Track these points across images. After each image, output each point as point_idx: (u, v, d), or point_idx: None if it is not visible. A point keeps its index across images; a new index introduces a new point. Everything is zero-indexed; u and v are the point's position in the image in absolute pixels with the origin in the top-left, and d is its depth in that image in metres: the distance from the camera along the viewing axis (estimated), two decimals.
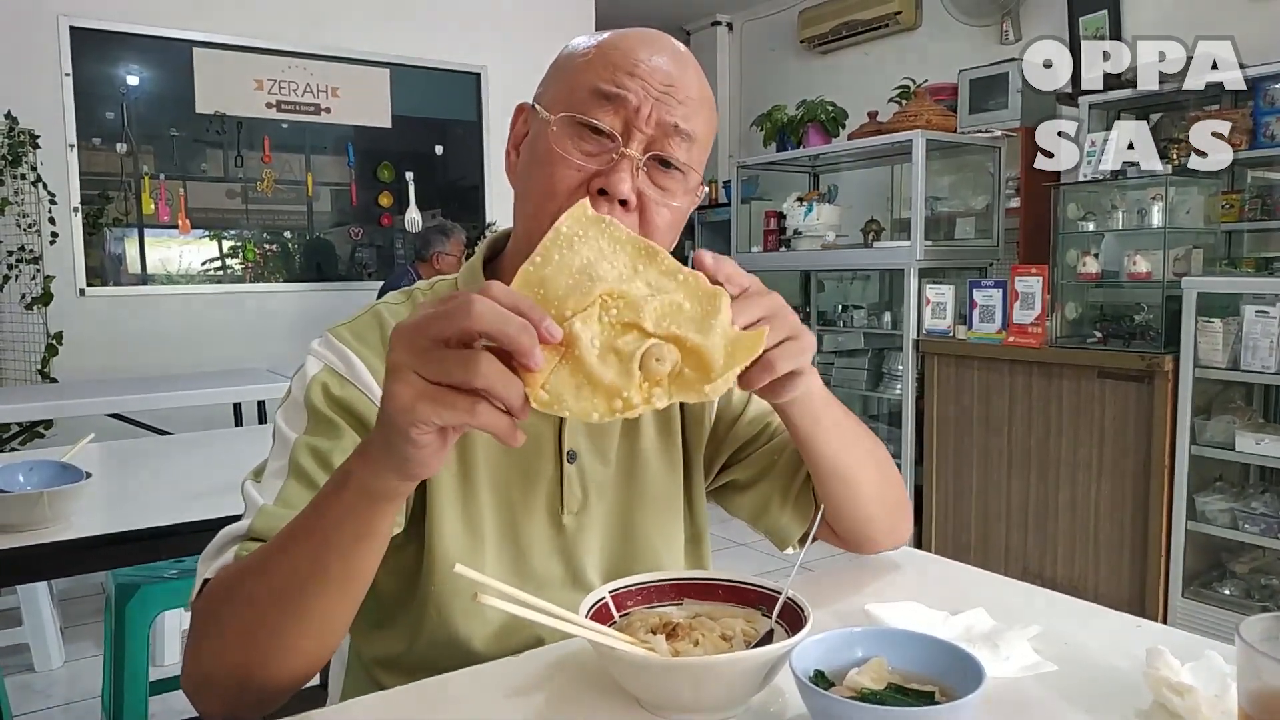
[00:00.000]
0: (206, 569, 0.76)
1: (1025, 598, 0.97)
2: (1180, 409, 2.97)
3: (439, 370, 0.56)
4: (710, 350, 0.63)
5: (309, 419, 0.83)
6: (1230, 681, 0.67)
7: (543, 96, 0.86)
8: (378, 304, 0.92)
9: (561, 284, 0.62)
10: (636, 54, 0.83)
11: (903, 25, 5.09)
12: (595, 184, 0.80)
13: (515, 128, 0.90)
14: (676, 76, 0.83)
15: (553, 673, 0.78)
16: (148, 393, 3.12)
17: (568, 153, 0.81)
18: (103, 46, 4.02)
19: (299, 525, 0.68)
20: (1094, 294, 3.46)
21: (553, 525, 0.92)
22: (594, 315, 0.61)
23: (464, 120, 4.99)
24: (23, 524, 1.44)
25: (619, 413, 0.61)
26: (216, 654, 0.71)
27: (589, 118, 0.81)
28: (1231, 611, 2.89)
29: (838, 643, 0.69)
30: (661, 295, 0.63)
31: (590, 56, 0.84)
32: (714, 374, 0.63)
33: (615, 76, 0.81)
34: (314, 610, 0.68)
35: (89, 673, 2.77)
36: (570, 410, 0.60)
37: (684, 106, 0.83)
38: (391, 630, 0.90)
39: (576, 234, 0.63)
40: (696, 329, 0.63)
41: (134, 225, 4.18)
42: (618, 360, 0.61)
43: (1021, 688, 0.75)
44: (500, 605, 0.65)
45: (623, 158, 0.80)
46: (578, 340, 0.60)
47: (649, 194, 0.82)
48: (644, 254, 0.65)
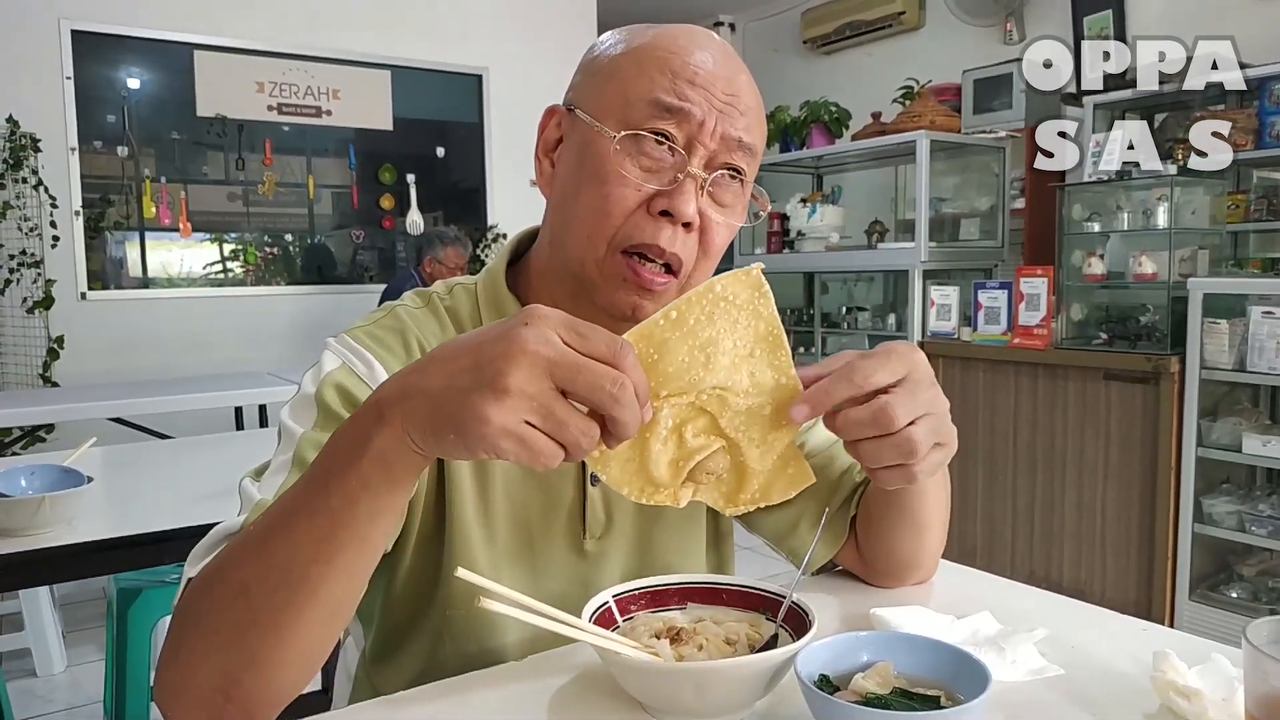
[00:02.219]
0: (195, 567, 0.69)
1: (1031, 601, 0.96)
2: (1186, 411, 2.96)
3: (556, 428, 0.55)
4: (754, 474, 0.65)
5: (319, 414, 0.77)
6: (1237, 685, 0.67)
7: (586, 101, 0.80)
8: (395, 306, 0.87)
9: (677, 359, 0.61)
10: (695, 59, 0.77)
11: (906, 25, 5.09)
12: (657, 205, 0.76)
13: (545, 132, 0.85)
14: (738, 85, 0.79)
15: (556, 677, 0.77)
16: (149, 396, 3.13)
17: (628, 171, 0.76)
18: (104, 50, 4.03)
19: (299, 503, 0.61)
20: (1099, 295, 3.45)
21: (573, 550, 0.88)
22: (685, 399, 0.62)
23: (465, 122, 4.99)
24: (24, 528, 1.44)
25: (646, 499, 0.64)
26: (199, 656, 0.63)
27: (653, 133, 0.76)
28: (1239, 614, 2.88)
29: (843, 647, 0.69)
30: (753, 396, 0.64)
31: (643, 60, 0.78)
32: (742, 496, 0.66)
33: (677, 86, 0.76)
34: (317, 601, 0.61)
35: (91, 677, 2.77)
36: (610, 477, 0.63)
37: (745, 118, 0.78)
38: (402, 656, 0.87)
39: (726, 298, 0.62)
40: (760, 443, 0.65)
41: (135, 229, 4.18)
42: (676, 451, 0.63)
43: (1028, 691, 0.74)
44: (504, 610, 0.64)
45: (687, 177, 0.76)
46: (655, 424, 0.62)
47: (711, 214, 0.78)
48: (768, 342, 0.64)
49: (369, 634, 0.91)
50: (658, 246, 0.77)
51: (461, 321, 0.87)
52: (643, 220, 0.77)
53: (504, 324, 0.56)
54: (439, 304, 0.88)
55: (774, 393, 0.64)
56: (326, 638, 0.65)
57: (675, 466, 0.63)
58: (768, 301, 0.63)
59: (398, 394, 0.58)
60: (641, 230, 0.77)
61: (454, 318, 0.87)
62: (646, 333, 0.61)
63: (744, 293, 0.63)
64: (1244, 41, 3.07)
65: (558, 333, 0.55)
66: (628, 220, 0.76)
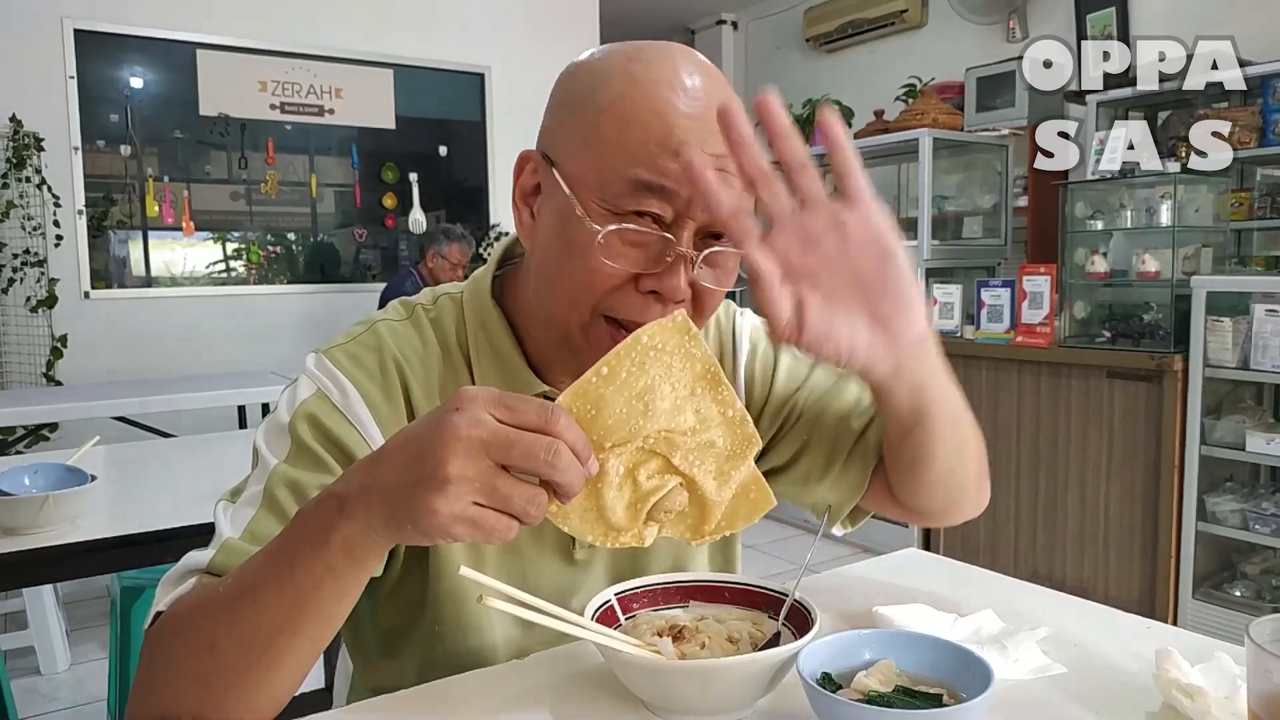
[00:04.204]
0: (164, 598, 0.71)
1: (1034, 599, 0.97)
2: (1190, 409, 2.95)
3: (501, 501, 0.56)
4: (715, 505, 0.66)
5: (291, 447, 0.77)
6: (1240, 683, 0.67)
7: (562, 160, 0.75)
8: (377, 321, 0.85)
9: (617, 410, 0.62)
10: (679, 118, 0.71)
11: (909, 23, 5.08)
12: (646, 284, 0.72)
13: (521, 179, 0.80)
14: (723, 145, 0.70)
15: (558, 676, 0.78)
16: (152, 395, 3.13)
17: (614, 260, 0.71)
18: (107, 49, 4.03)
19: (268, 575, 0.64)
20: (1103, 293, 3.44)
21: (563, 559, 0.87)
22: (631, 447, 0.63)
23: (468, 121, 4.99)
24: (28, 527, 1.44)
25: (610, 543, 0.65)
26: (170, 694, 0.67)
27: (637, 223, 0.71)
28: (1242, 613, 2.87)
29: (845, 645, 0.69)
30: (701, 432, 0.64)
31: (623, 121, 0.71)
32: (707, 528, 0.67)
33: (660, 162, 0.70)
34: (281, 663, 0.65)
35: (95, 676, 2.77)
36: (571, 528, 0.64)
37: (736, 183, 0.70)
38: (396, 662, 0.87)
39: (654, 346, 0.63)
40: (716, 474, 0.65)
41: (138, 228, 4.19)
42: (631, 494, 0.64)
43: (1030, 690, 0.75)
44: (508, 609, 0.65)
45: (677, 258, 0.71)
46: (605, 475, 0.62)
47: (703, 284, 0.74)
48: (707, 379, 0.65)
49: (360, 642, 0.91)
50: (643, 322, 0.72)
51: (446, 332, 0.85)
52: (630, 298, 0.73)
53: (437, 412, 0.58)
54: (423, 315, 0.86)
55: (723, 426, 0.65)
56: (292, 685, 0.68)
57: (633, 509, 0.64)
58: (698, 343, 0.64)
59: (357, 489, 0.60)
60: (629, 308, 0.73)
61: (438, 329, 0.85)
62: (580, 391, 0.62)
63: (672, 339, 0.63)
64: (1248, 39, 3.07)
65: (488, 411, 0.57)
66: (613, 295, 0.73)
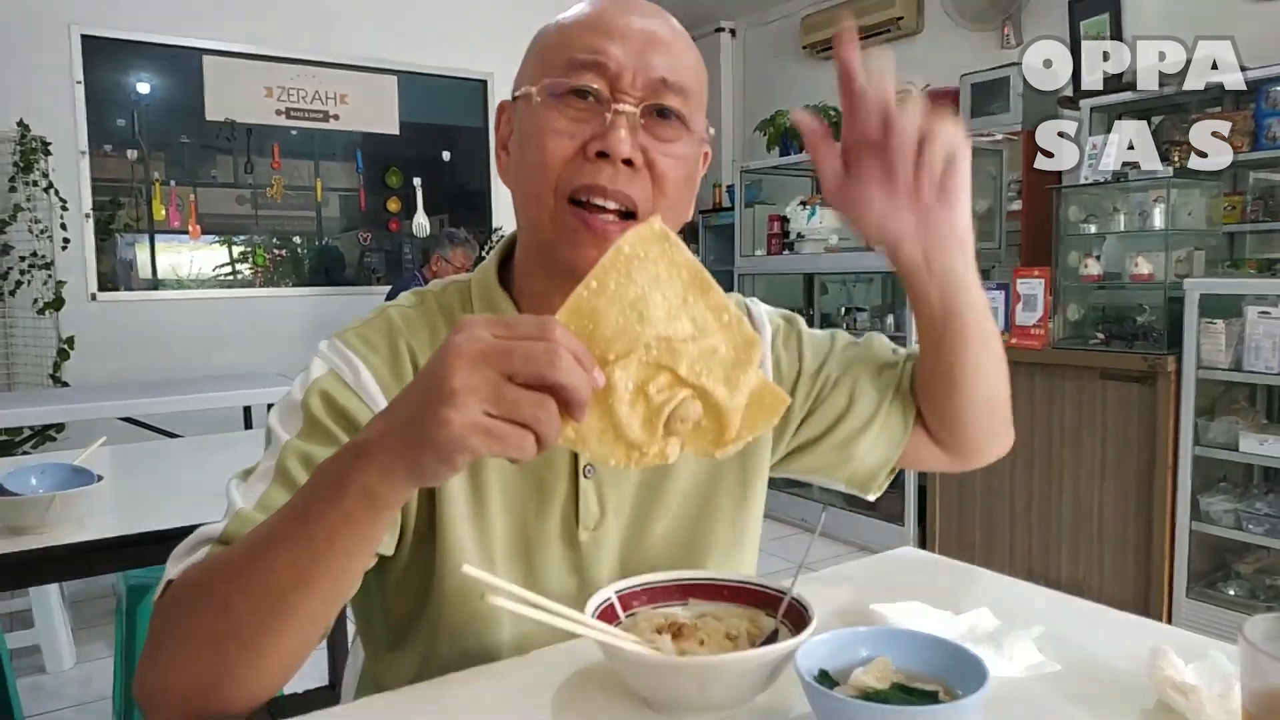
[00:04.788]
0: (175, 568, 0.71)
1: (1029, 598, 0.96)
2: (1183, 410, 2.97)
3: (509, 408, 0.55)
4: (731, 412, 0.64)
5: (304, 423, 0.78)
6: (1234, 681, 0.67)
7: (519, 81, 0.83)
8: (389, 307, 0.87)
9: (613, 320, 0.62)
10: (609, 17, 0.79)
11: (904, 30, 5.08)
12: (593, 147, 0.76)
13: (500, 129, 0.87)
14: (656, 29, 0.79)
15: (559, 673, 0.77)
16: (158, 396, 3.13)
17: (557, 124, 0.77)
18: (114, 55, 4.04)
19: (283, 529, 0.63)
20: (1096, 296, 3.45)
21: (567, 542, 0.87)
22: (635, 358, 0.62)
23: (470, 126, 5.00)
24: (35, 526, 1.44)
25: (634, 464, 0.64)
26: (180, 662, 0.65)
27: (574, 90, 0.77)
28: (1236, 612, 2.88)
29: (842, 642, 0.69)
30: (701, 339, 0.64)
31: (562, 30, 0.80)
32: (728, 436, 0.65)
33: (591, 42, 0.77)
34: (295, 620, 0.64)
35: (100, 674, 2.77)
36: (591, 452, 0.63)
37: (669, 58, 0.78)
38: (404, 652, 0.87)
39: (637, 255, 0.63)
40: (725, 380, 0.64)
41: (145, 231, 4.20)
42: (645, 410, 0.63)
43: (1025, 687, 0.74)
44: (508, 605, 0.64)
45: (617, 115, 0.76)
46: (614, 389, 0.61)
47: (652, 149, 0.78)
48: (696, 285, 0.64)
49: (371, 631, 0.92)
50: (599, 186, 0.77)
51: (454, 315, 0.87)
52: (581, 164, 0.77)
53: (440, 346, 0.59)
54: (433, 301, 0.89)
55: (721, 331, 0.65)
56: (303, 649, 0.67)
57: (649, 424, 0.63)
58: (679, 249, 0.64)
59: (375, 434, 0.60)
60: (580, 173, 0.77)
61: (446, 313, 0.87)
62: (574, 307, 0.62)
63: (653, 247, 0.64)
64: (1241, 44, 3.07)
65: (485, 330, 0.57)
66: (566, 167, 0.77)
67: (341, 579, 0.64)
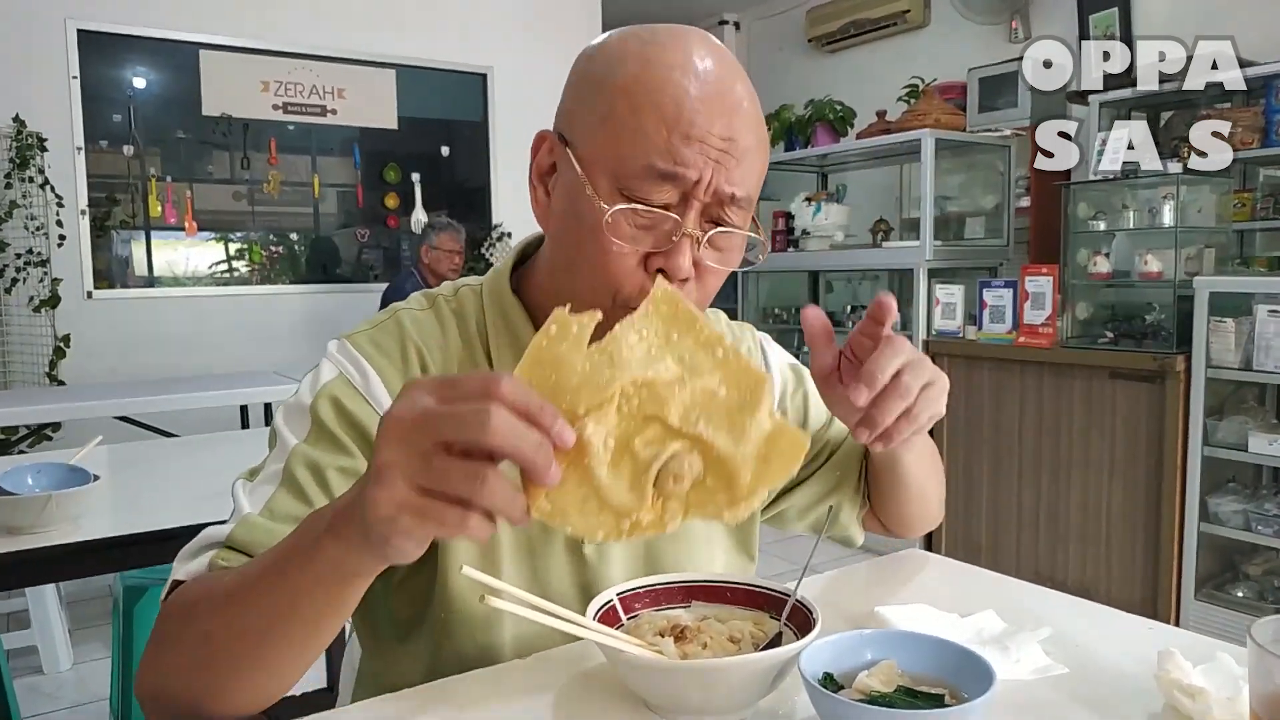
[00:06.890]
0: (181, 569, 0.74)
1: (1036, 600, 0.97)
2: (1192, 410, 2.95)
3: (438, 481, 0.51)
4: (738, 463, 0.55)
5: (312, 428, 0.79)
6: (1242, 684, 0.67)
7: (577, 141, 0.77)
8: (399, 309, 0.87)
9: (577, 368, 0.54)
10: (691, 101, 0.73)
11: (911, 24, 5.07)
12: (654, 264, 0.76)
13: (538, 157, 0.83)
14: (738, 133, 0.75)
15: (560, 675, 0.78)
16: (155, 395, 3.13)
17: (621, 238, 0.75)
18: (110, 49, 4.04)
19: (262, 577, 0.63)
20: (1105, 294, 3.44)
21: (573, 556, 0.87)
22: (611, 409, 0.55)
23: (470, 121, 4.99)
24: (31, 526, 1.44)
25: (626, 534, 0.55)
26: (173, 671, 0.68)
27: (647, 203, 0.74)
28: (1244, 614, 2.87)
29: (847, 645, 0.69)
30: (693, 379, 0.56)
31: (638, 103, 0.74)
32: (740, 493, 0.56)
33: (672, 146, 0.73)
34: (270, 663, 0.65)
35: (97, 675, 2.78)
36: (574, 526, 0.55)
37: (743, 170, 0.76)
38: (404, 654, 0.87)
39: None
40: (728, 428, 0.56)
41: (141, 228, 4.19)
42: (631, 469, 0.55)
43: (1032, 690, 0.75)
44: (510, 608, 0.65)
45: (683, 238, 0.75)
46: (588, 447, 0.54)
47: (707, 263, 0.78)
48: (681, 320, 0.57)
49: (372, 629, 0.91)
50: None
51: (467, 322, 0.87)
52: (641, 278, 0.77)
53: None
54: (444, 305, 0.88)
55: (718, 370, 0.57)
56: (287, 679, 0.68)
57: (637, 486, 0.55)
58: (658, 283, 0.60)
59: (343, 503, 0.58)
60: (639, 289, 0.76)
61: (459, 319, 0.87)
62: (534, 358, 0.55)
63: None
64: (1252, 39, 3.06)
65: (426, 395, 0.52)
66: (629, 279, 0.76)
67: (317, 634, 0.65)
